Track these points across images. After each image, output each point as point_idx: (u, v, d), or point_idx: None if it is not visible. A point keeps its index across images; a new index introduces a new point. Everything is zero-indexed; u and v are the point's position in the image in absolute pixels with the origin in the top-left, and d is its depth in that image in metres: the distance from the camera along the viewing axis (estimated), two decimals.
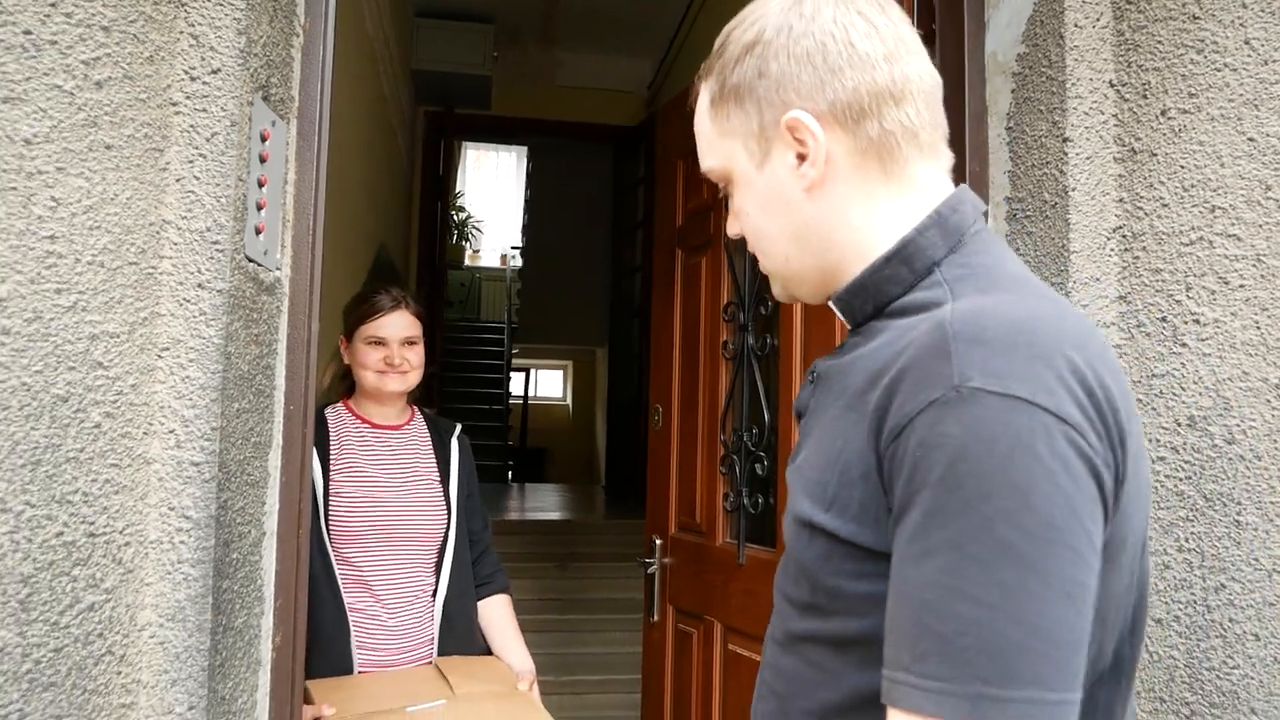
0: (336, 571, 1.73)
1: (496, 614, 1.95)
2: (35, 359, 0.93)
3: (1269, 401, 1.15)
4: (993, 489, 0.55)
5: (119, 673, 1.04)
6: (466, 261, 11.88)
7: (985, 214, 0.77)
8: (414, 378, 1.85)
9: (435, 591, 1.83)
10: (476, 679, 1.72)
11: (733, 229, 0.82)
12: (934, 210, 0.72)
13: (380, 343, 1.83)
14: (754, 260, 0.84)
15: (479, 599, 1.94)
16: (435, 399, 6.01)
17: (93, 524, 1.00)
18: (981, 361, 0.58)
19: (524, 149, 11.33)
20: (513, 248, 11.45)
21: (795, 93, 0.72)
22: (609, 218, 8.88)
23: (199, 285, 1.08)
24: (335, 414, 1.89)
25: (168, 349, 1.08)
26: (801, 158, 0.73)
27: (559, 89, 6.47)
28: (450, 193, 8.20)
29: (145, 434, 1.06)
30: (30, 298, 0.93)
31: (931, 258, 0.70)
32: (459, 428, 2.00)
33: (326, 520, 1.75)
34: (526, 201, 10.67)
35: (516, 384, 11.02)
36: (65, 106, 0.95)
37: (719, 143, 0.78)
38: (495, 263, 12.70)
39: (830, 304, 0.78)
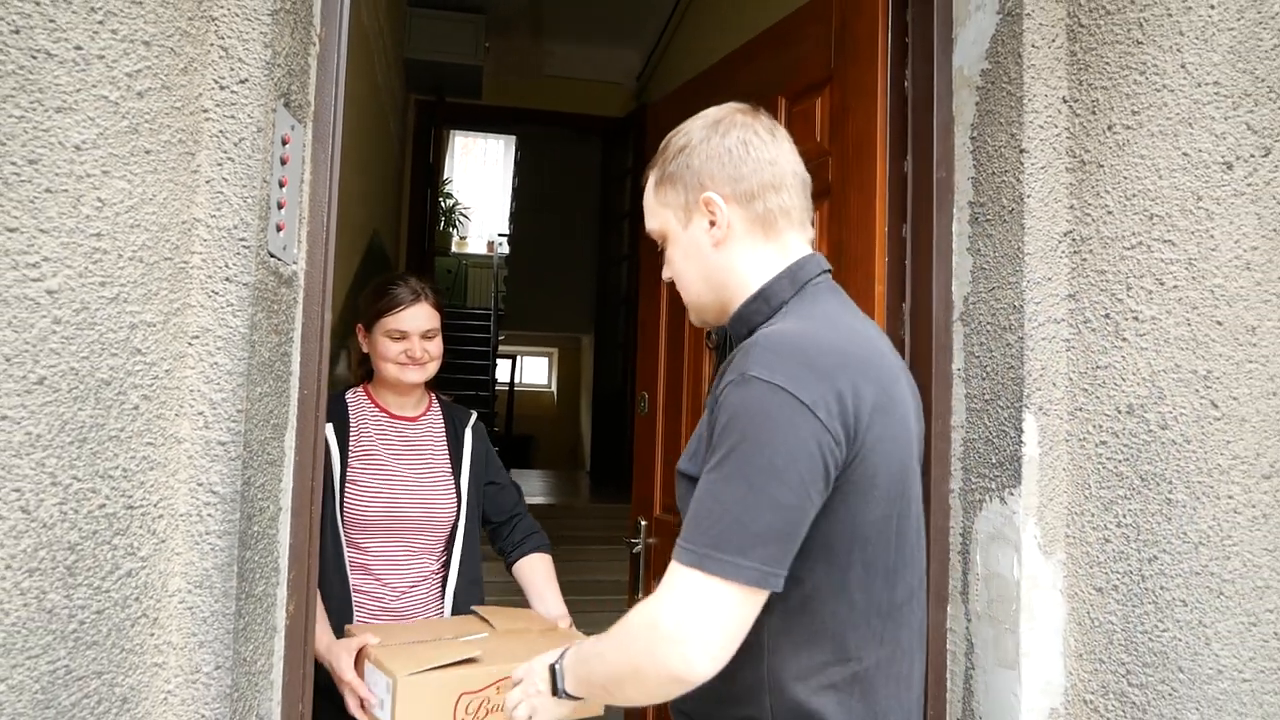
0: (346, 555, 1.80)
1: (533, 570, 1.95)
2: (83, 346, 1.03)
3: (1197, 391, 1.27)
4: (743, 439, 0.91)
5: (152, 634, 1.14)
6: (453, 248, 11.92)
7: (829, 271, 1.12)
8: (433, 368, 1.90)
9: (445, 579, 1.90)
10: (518, 620, 1.77)
11: (666, 274, 1.17)
12: (788, 266, 1.09)
13: (402, 336, 1.85)
14: None
15: (516, 559, 1.97)
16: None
17: (130, 497, 1.10)
18: (761, 360, 0.94)
19: (512, 137, 11.37)
20: (500, 235, 11.50)
21: (710, 179, 1.08)
22: (596, 207, 8.96)
23: (226, 279, 1.18)
24: (355, 400, 1.92)
25: (197, 337, 1.17)
26: (712, 223, 1.08)
27: (548, 79, 6.54)
28: (439, 180, 8.25)
29: (177, 415, 1.16)
30: (79, 290, 1.02)
31: (781, 298, 1.07)
32: (474, 416, 2.05)
33: (341, 504, 1.81)
34: (514, 190, 10.72)
35: (503, 371, 11.09)
36: (110, 115, 1.04)
37: (659, 210, 1.14)
38: (482, 250, 12.74)
39: (729, 329, 1.13)
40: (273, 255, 1.26)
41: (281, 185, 1.28)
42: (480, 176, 14.03)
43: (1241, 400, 1.26)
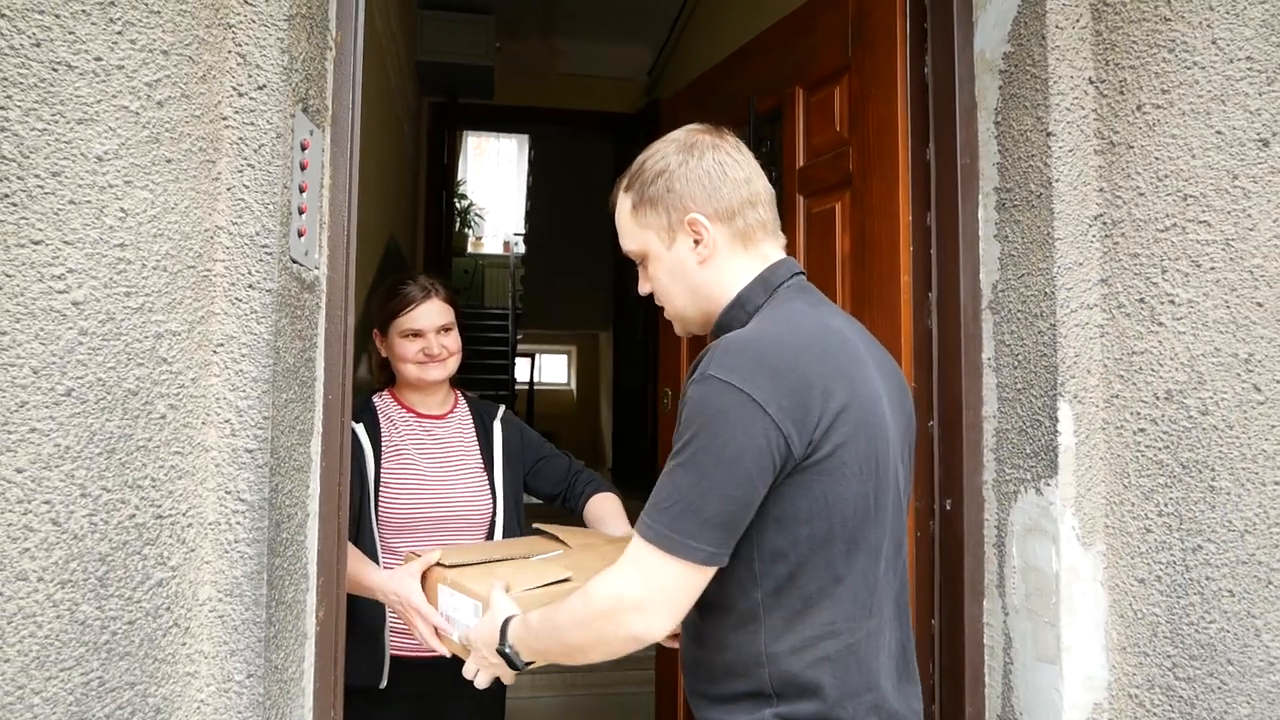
0: (382, 559, 1.77)
1: (598, 506, 1.92)
2: (109, 356, 1.03)
3: (1239, 375, 1.24)
4: (699, 432, 1.01)
5: (184, 644, 1.14)
6: (469, 249, 11.95)
7: (801, 274, 1.18)
8: (453, 363, 1.89)
9: None
10: (586, 535, 1.70)
11: (644, 289, 1.23)
12: (760, 273, 1.15)
13: (417, 334, 1.84)
14: None
15: (582, 505, 1.93)
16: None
17: (159, 507, 1.10)
18: (720, 361, 1.02)
19: (525, 137, 11.38)
20: (515, 234, 11.52)
21: (693, 200, 1.14)
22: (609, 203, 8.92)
23: (249, 286, 1.18)
24: (383, 403, 1.92)
25: (222, 345, 1.17)
26: (697, 242, 1.14)
27: (560, 77, 6.53)
28: (454, 181, 8.27)
29: (203, 423, 1.16)
30: (104, 300, 1.02)
31: (756, 303, 1.14)
32: (502, 409, 2.04)
33: (376, 505, 1.79)
34: (529, 189, 10.73)
35: (521, 369, 11.11)
36: (131, 125, 1.04)
37: (638, 232, 1.19)
38: (498, 249, 12.77)
39: (709, 336, 1.18)
40: (295, 261, 1.25)
41: (302, 190, 1.28)
42: (494, 176, 14.05)
43: None
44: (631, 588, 1.04)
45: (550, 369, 13.72)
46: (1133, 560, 1.32)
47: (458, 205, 10.48)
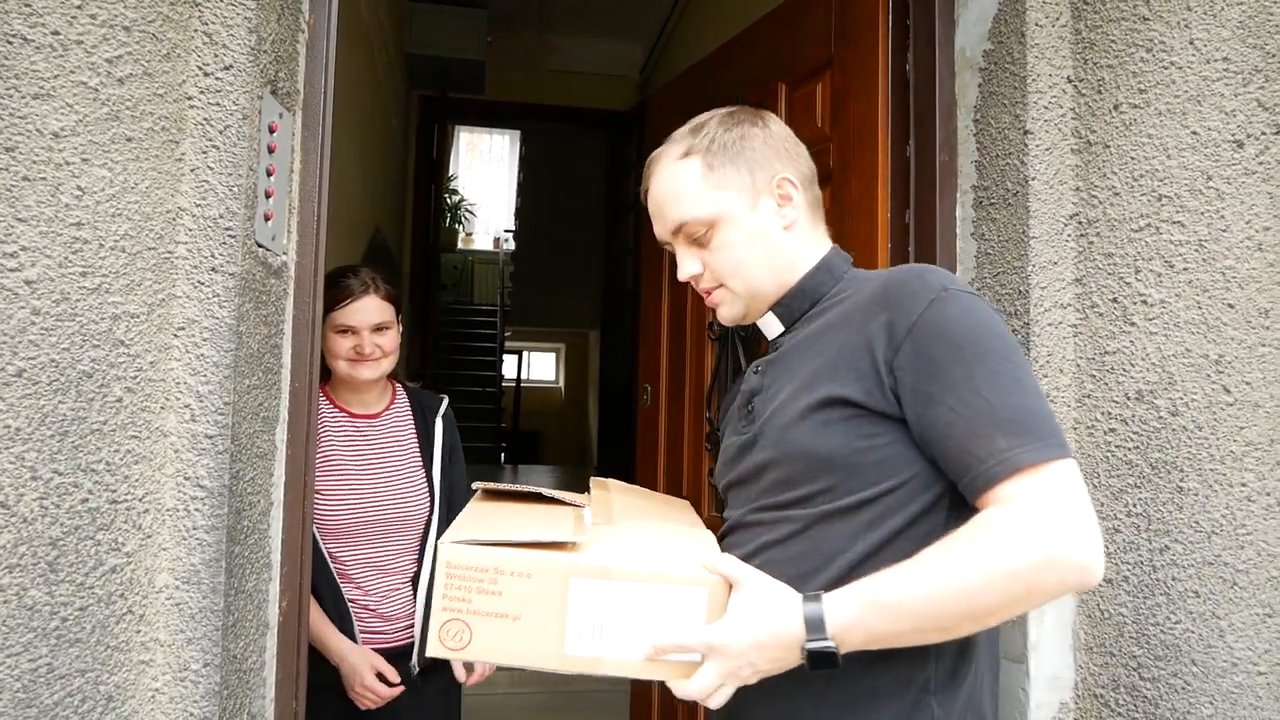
0: (331, 567, 1.75)
1: None
2: (63, 337, 1.01)
3: (1209, 376, 1.24)
4: (994, 342, 0.88)
5: (138, 631, 1.12)
6: (460, 245, 11.91)
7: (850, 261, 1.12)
8: (387, 364, 1.79)
9: (416, 577, 1.82)
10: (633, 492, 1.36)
11: (691, 269, 1.07)
12: (831, 248, 1.10)
13: (351, 331, 1.74)
14: None
15: None
16: (431, 378, 6.08)
17: (115, 491, 1.08)
18: (940, 278, 0.92)
19: (517, 132, 11.35)
20: (505, 231, 11.49)
21: (779, 161, 1.06)
22: (602, 201, 8.93)
23: (212, 269, 1.16)
24: None
25: (183, 329, 1.15)
26: (782, 203, 1.05)
27: (552, 73, 6.51)
28: (444, 176, 8.24)
29: (162, 408, 1.14)
30: (58, 280, 1.00)
31: (842, 270, 1.08)
32: (445, 402, 1.95)
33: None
34: (519, 185, 10.70)
35: (509, 366, 11.09)
36: (90, 102, 1.02)
37: (713, 195, 1.05)
38: (488, 246, 12.73)
39: (770, 312, 1.08)
40: (260, 245, 1.24)
41: (269, 174, 1.26)
42: (486, 173, 14.01)
43: (1255, 385, 1.22)
44: (1075, 509, 0.82)
45: (539, 367, 13.69)
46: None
47: (448, 201, 10.45)
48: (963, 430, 0.86)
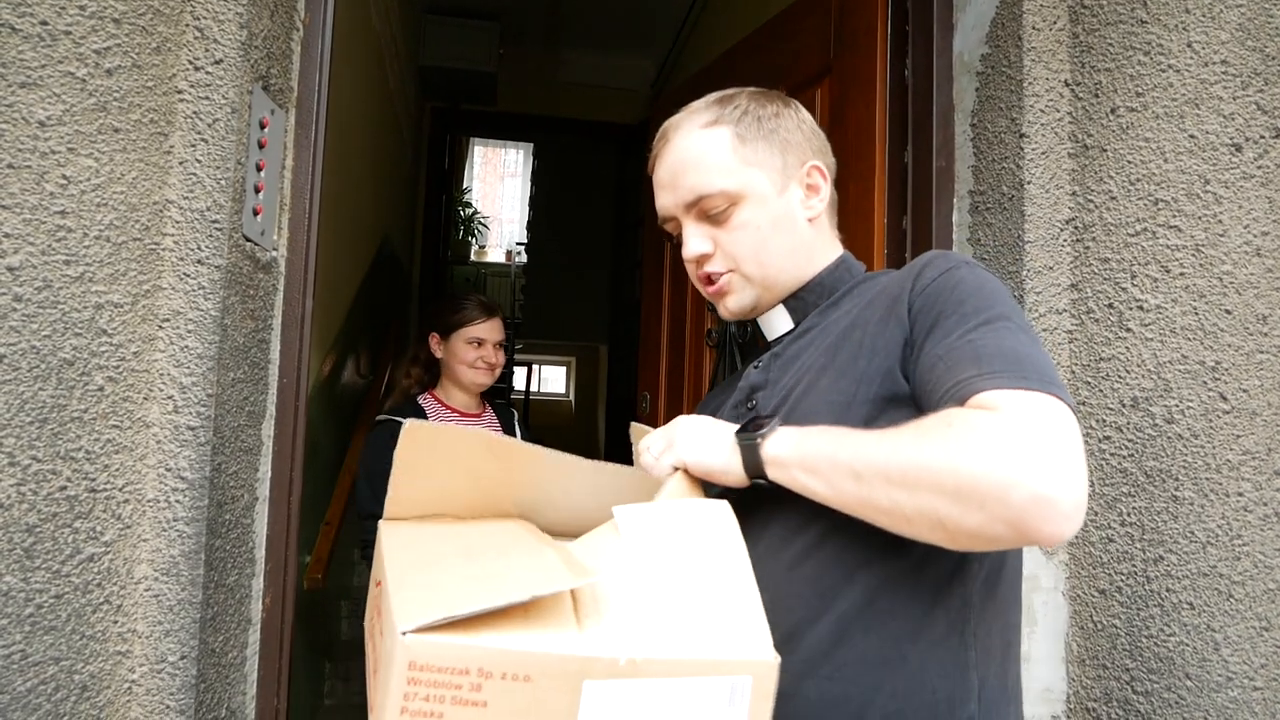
0: None
1: None
2: (45, 324, 1.01)
3: (1205, 383, 1.21)
4: (994, 298, 0.80)
5: (115, 621, 1.11)
6: (473, 258, 11.96)
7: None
8: (497, 374, 2.24)
9: None
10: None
11: (699, 248, 0.97)
12: (846, 251, 1.03)
13: (480, 342, 2.19)
14: None
15: None
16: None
17: (94, 480, 1.08)
18: (962, 257, 0.87)
19: (530, 145, 11.41)
20: (518, 244, 11.53)
21: (810, 149, 1.00)
22: (612, 215, 8.95)
23: (198, 261, 1.16)
24: (426, 403, 2.20)
25: (168, 320, 1.15)
26: (809, 193, 0.99)
27: (564, 85, 6.54)
28: (456, 188, 8.28)
29: (145, 399, 1.14)
30: (41, 268, 1.00)
31: (860, 270, 1.02)
32: (516, 414, 2.39)
33: None
34: (531, 198, 10.75)
35: (519, 379, 11.09)
36: (77, 92, 1.03)
37: (741, 169, 0.96)
38: (501, 259, 12.78)
39: (780, 307, 1.00)
40: (249, 239, 1.24)
41: (259, 169, 1.26)
42: (500, 187, 14.08)
43: (1252, 393, 1.20)
44: (1052, 432, 0.67)
45: (550, 380, 13.70)
46: (1094, 571, 1.29)
47: (461, 214, 10.50)
48: (943, 369, 0.77)
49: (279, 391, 1.36)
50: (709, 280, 0.99)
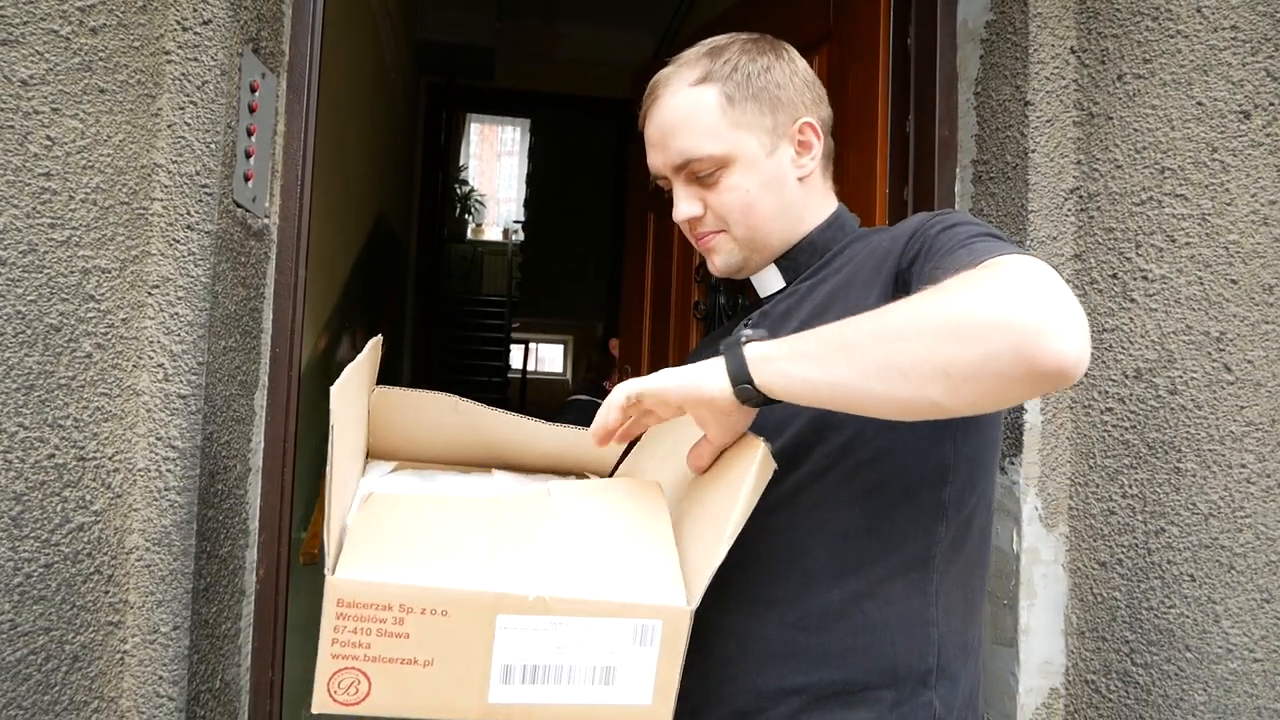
0: None
1: None
2: (30, 289, 0.99)
3: (1209, 354, 1.20)
4: (984, 226, 0.80)
5: (106, 592, 1.10)
6: (470, 235, 11.91)
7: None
8: None
9: None
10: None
11: (689, 210, 0.96)
12: (840, 205, 1.02)
13: None
14: None
15: None
16: (434, 370, 6.06)
17: (83, 449, 1.06)
18: (963, 214, 0.85)
19: (528, 122, 11.33)
20: (515, 222, 11.48)
21: (803, 103, 0.96)
22: (610, 192, 8.89)
23: (188, 227, 1.14)
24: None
25: (157, 287, 1.13)
26: (801, 151, 0.96)
27: (561, 61, 6.47)
28: (453, 165, 8.22)
29: (135, 366, 1.12)
30: (26, 231, 0.98)
31: (853, 226, 1.01)
32: None
33: None
34: (528, 175, 10.68)
35: (516, 357, 11.08)
36: (61, 50, 1.00)
37: (729, 132, 0.94)
38: (498, 237, 12.73)
39: (771, 266, 1.00)
40: (239, 205, 1.22)
41: (250, 134, 1.24)
42: (498, 166, 14.00)
43: (1257, 363, 1.18)
44: (1050, 286, 0.65)
45: (548, 359, 13.68)
46: (1094, 543, 1.28)
47: (457, 191, 10.44)
48: (929, 265, 0.78)
49: (272, 361, 1.34)
50: (699, 236, 0.99)
